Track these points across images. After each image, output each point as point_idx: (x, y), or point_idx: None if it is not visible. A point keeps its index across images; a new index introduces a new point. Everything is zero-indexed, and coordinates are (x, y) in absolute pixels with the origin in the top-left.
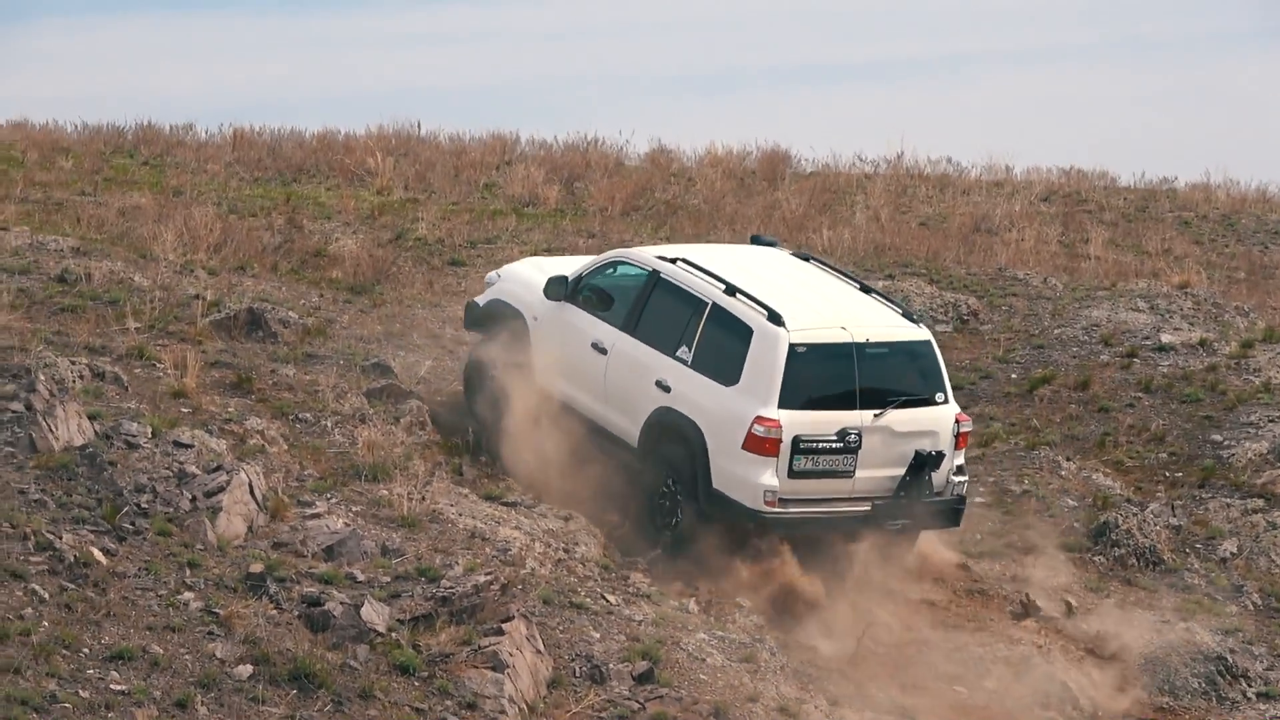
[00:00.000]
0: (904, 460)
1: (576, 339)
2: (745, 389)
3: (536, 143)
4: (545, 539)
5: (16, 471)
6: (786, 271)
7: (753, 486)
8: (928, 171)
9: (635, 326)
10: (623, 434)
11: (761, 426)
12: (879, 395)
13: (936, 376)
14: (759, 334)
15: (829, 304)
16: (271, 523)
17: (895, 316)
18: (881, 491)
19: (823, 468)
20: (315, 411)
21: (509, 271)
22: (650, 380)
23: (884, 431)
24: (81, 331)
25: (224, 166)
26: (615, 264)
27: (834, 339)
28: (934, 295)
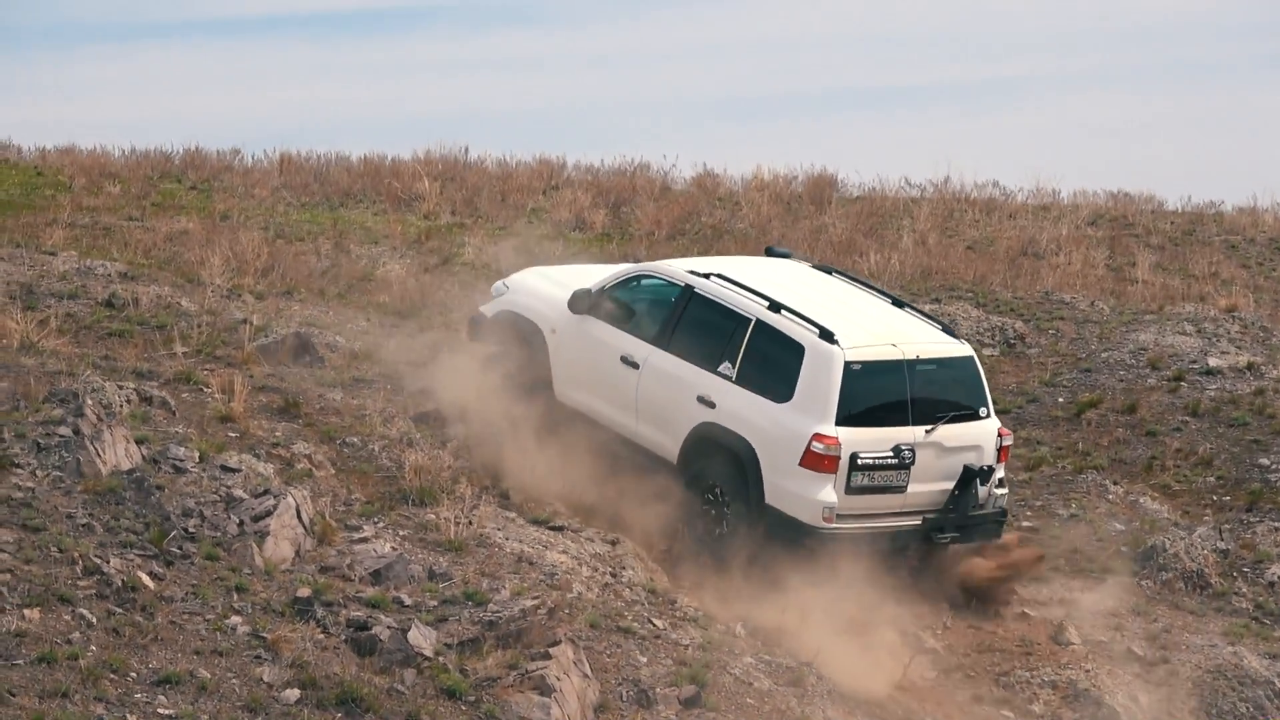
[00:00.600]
0: (952, 474)
1: (603, 352)
2: (800, 406)
3: (583, 167)
4: (592, 563)
5: (64, 496)
6: (819, 286)
7: (811, 503)
8: (974, 195)
9: (669, 341)
10: (657, 448)
11: (821, 444)
12: (929, 411)
13: (979, 391)
14: (811, 352)
15: (875, 321)
16: (319, 547)
17: (937, 332)
18: (931, 505)
19: (878, 483)
20: (362, 436)
21: (518, 282)
22: (690, 395)
23: (935, 446)
24: (129, 356)
25: (271, 191)
26: (640, 277)
27: (886, 356)
28: (981, 319)
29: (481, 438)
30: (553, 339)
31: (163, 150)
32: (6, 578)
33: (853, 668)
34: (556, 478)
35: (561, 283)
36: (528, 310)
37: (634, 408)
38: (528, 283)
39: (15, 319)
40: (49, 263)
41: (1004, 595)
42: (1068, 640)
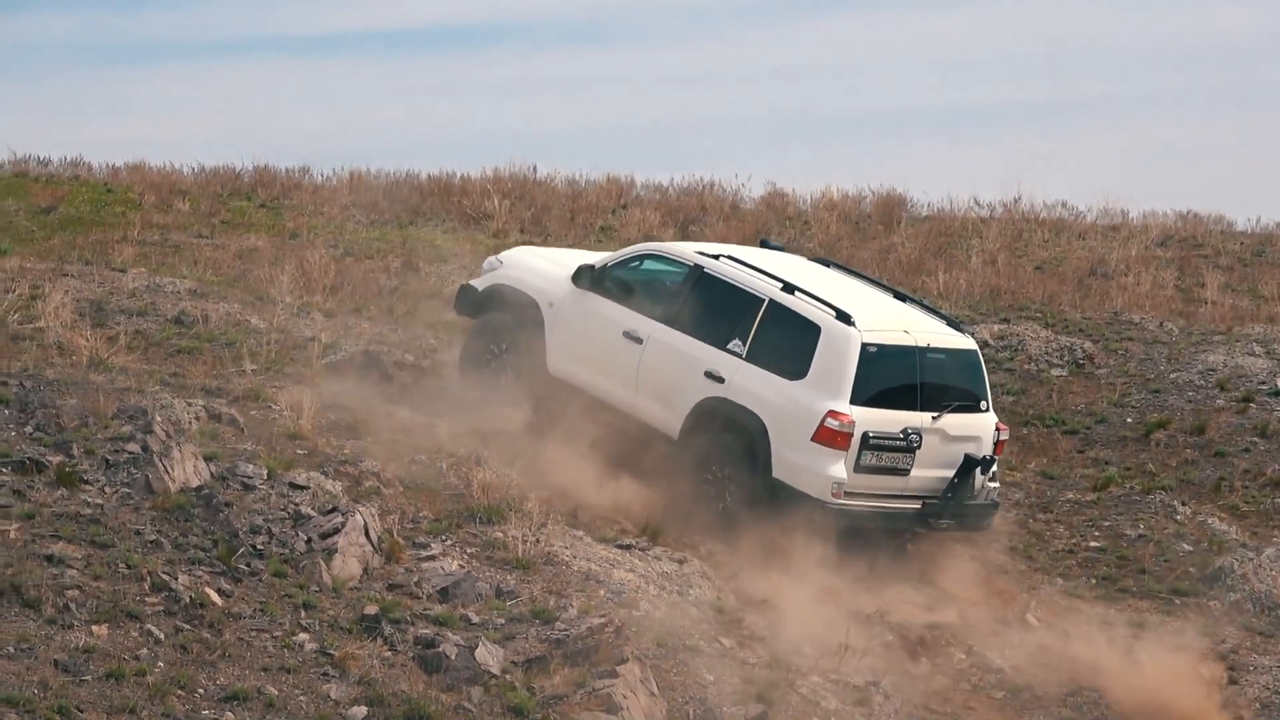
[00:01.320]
0: (952, 462)
1: (604, 327)
2: (814, 384)
3: (652, 186)
4: (659, 581)
5: (133, 512)
6: (823, 275)
7: (821, 478)
8: (1043, 215)
9: (677, 318)
10: (656, 422)
11: (835, 420)
12: (936, 398)
13: (981, 384)
14: (828, 332)
15: (884, 309)
16: (386, 564)
17: (943, 325)
18: (930, 491)
19: (885, 464)
20: (430, 453)
21: (512, 258)
22: (698, 371)
23: (939, 433)
24: (198, 373)
25: (340, 209)
26: (644, 256)
27: (900, 341)
28: (1049, 339)
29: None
30: (549, 312)
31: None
32: (75, 594)
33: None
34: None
35: (556, 261)
36: (523, 285)
37: (634, 382)
38: (523, 259)
39: (85, 336)
40: (118, 280)
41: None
42: (1135, 661)
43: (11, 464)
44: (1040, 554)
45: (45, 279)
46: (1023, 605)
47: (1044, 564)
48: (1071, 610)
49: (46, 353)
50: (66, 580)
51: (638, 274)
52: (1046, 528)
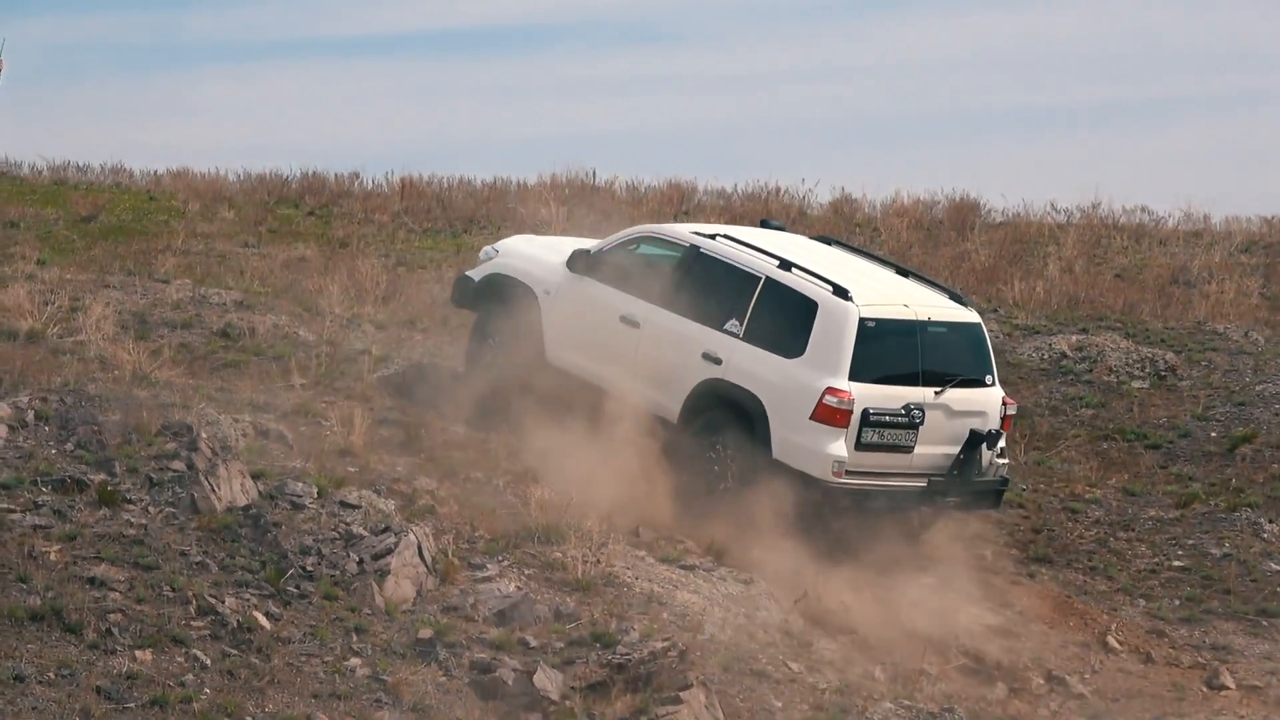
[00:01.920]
0: (958, 438)
1: (600, 312)
2: (812, 361)
3: (715, 191)
4: (724, 603)
5: (178, 533)
6: (823, 253)
7: (821, 457)
8: (1123, 221)
9: (673, 300)
10: (655, 407)
11: (834, 397)
12: (939, 373)
13: (986, 358)
14: (825, 308)
15: (884, 284)
16: (441, 586)
17: (945, 299)
18: (936, 469)
19: (888, 441)
20: (486, 470)
21: (508, 246)
22: (695, 353)
23: (943, 409)
24: (245, 388)
25: (392, 217)
26: (640, 239)
27: (900, 315)
28: (1130, 350)
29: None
30: (545, 300)
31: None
32: (118, 618)
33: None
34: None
35: (553, 248)
36: (518, 273)
37: (632, 367)
38: (519, 247)
39: (127, 349)
40: (162, 291)
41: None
42: (1222, 684)
43: (52, 483)
44: (1121, 574)
45: (86, 290)
46: (1104, 627)
47: (1125, 584)
48: (1155, 633)
49: (88, 367)
50: (109, 604)
51: (634, 257)
52: (1128, 546)
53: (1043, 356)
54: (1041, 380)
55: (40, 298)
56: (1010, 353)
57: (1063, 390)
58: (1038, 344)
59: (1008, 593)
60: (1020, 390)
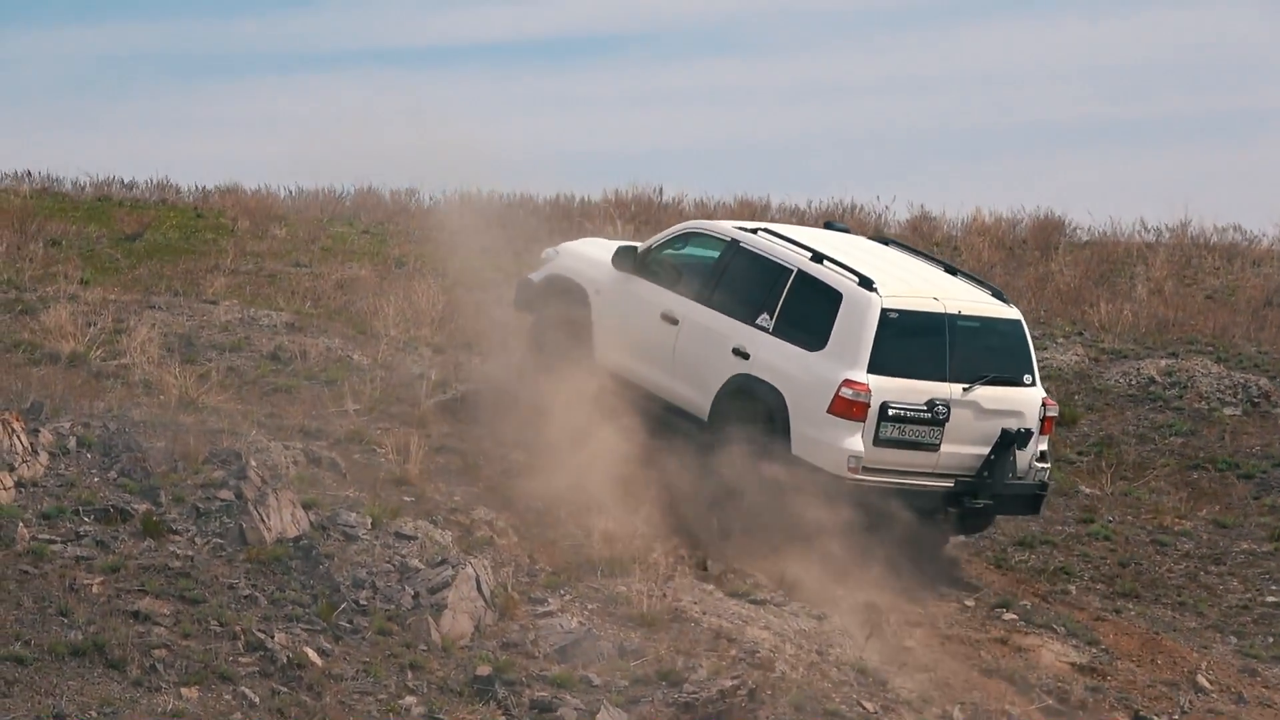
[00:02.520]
0: (989, 439)
1: (644, 311)
2: (833, 353)
3: (788, 209)
4: (796, 640)
5: (226, 565)
6: (871, 249)
7: (837, 451)
8: (1214, 240)
9: (711, 296)
10: (691, 406)
11: (850, 390)
12: (968, 369)
13: (1025, 357)
14: (849, 298)
15: (919, 278)
16: (500, 621)
17: (985, 294)
18: (965, 469)
19: (909, 438)
20: (548, 501)
21: (567, 248)
22: (726, 348)
23: (972, 407)
24: (296, 413)
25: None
26: (688, 235)
27: (926, 308)
28: (1221, 375)
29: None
30: (596, 300)
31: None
32: (163, 653)
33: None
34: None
35: (611, 250)
36: (573, 272)
37: (671, 365)
38: (577, 248)
39: (173, 373)
40: (210, 312)
41: None
42: None
43: (95, 512)
44: (1212, 610)
45: (130, 311)
46: (1193, 665)
47: (1216, 621)
48: (1247, 672)
49: (132, 391)
50: (154, 639)
51: (680, 255)
52: (1219, 581)
53: (1130, 382)
54: (1129, 407)
55: (83, 319)
56: (1096, 378)
57: (1151, 417)
58: (1125, 369)
59: (1093, 629)
60: (1107, 417)
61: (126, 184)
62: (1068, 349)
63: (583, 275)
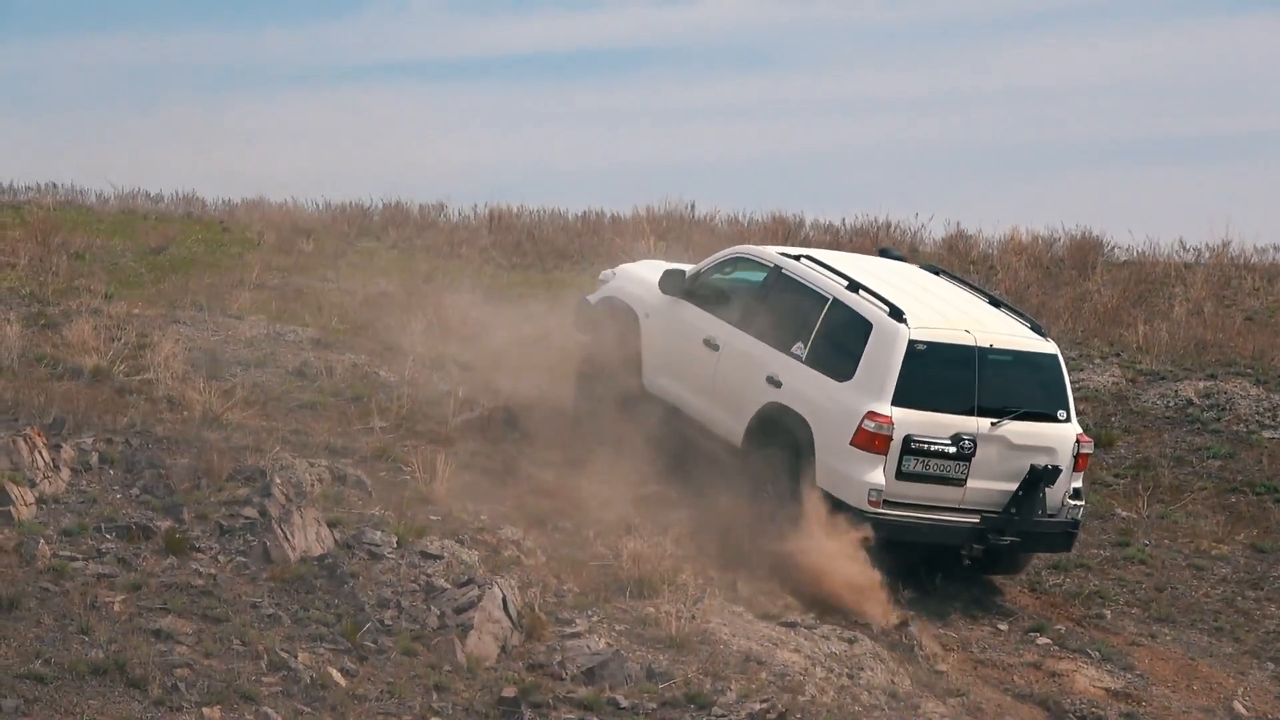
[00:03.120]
0: (1019, 475)
1: (688, 335)
2: (859, 384)
3: (822, 226)
4: (827, 663)
5: (250, 583)
6: (914, 278)
7: (858, 484)
8: (1255, 260)
9: (750, 322)
10: (727, 433)
11: (873, 422)
12: (998, 403)
13: (1060, 393)
14: (878, 329)
15: (954, 308)
16: (527, 642)
17: (1022, 328)
18: (993, 505)
19: (933, 472)
20: (576, 520)
21: (624, 270)
22: (761, 376)
23: (1000, 442)
24: (321, 431)
25: (479, 250)
26: (735, 260)
27: (956, 340)
28: (1261, 398)
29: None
30: (645, 323)
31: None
32: (185, 673)
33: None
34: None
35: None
36: (625, 295)
37: (711, 391)
38: (633, 270)
39: (198, 389)
40: (235, 327)
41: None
42: None
43: (117, 529)
44: (1249, 635)
45: (154, 326)
46: (1230, 691)
47: (1253, 646)
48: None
49: (155, 407)
50: (176, 658)
51: (724, 278)
52: (1257, 606)
53: (1168, 404)
54: (1166, 429)
55: (106, 333)
56: (1134, 400)
57: (1189, 440)
58: (1163, 390)
59: (1128, 654)
60: (1144, 439)
61: (152, 197)
62: (1105, 370)
63: (634, 298)
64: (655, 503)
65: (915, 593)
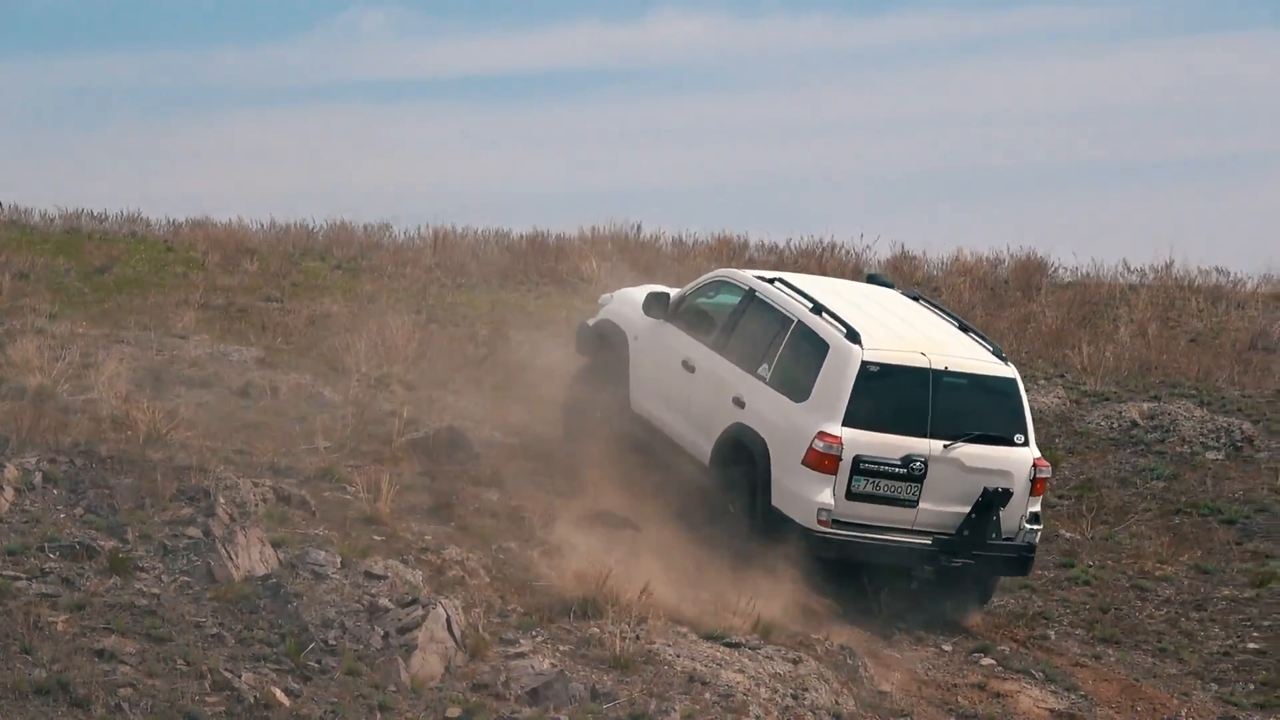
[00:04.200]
0: (973, 498)
1: (670, 358)
2: (814, 404)
3: (767, 247)
4: (771, 683)
5: (193, 603)
6: (883, 301)
7: (807, 504)
8: (1199, 282)
9: (724, 345)
10: (697, 453)
11: (822, 442)
12: (952, 426)
13: (1018, 417)
14: (834, 350)
15: (914, 331)
16: (471, 662)
17: (983, 351)
18: (945, 527)
19: (884, 493)
20: (520, 540)
21: (621, 294)
22: (728, 397)
23: (953, 464)
24: (266, 450)
25: (424, 271)
26: (718, 284)
27: (910, 362)
28: (1204, 419)
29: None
30: (634, 345)
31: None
32: (129, 692)
33: None
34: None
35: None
36: (618, 318)
37: (687, 412)
38: (630, 293)
39: (142, 409)
40: (179, 347)
41: None
42: None
43: (60, 549)
44: (1192, 656)
45: (99, 345)
46: (1173, 712)
47: (1197, 668)
48: (1227, 719)
49: (100, 427)
50: (119, 677)
51: (707, 302)
52: (1200, 627)
53: (1112, 425)
54: (1110, 450)
55: (50, 353)
56: (1078, 420)
57: (1133, 461)
58: (1107, 412)
59: (1072, 675)
60: (1088, 460)
61: (97, 216)
62: (1049, 391)
63: (626, 320)
64: (601, 522)
65: (859, 613)
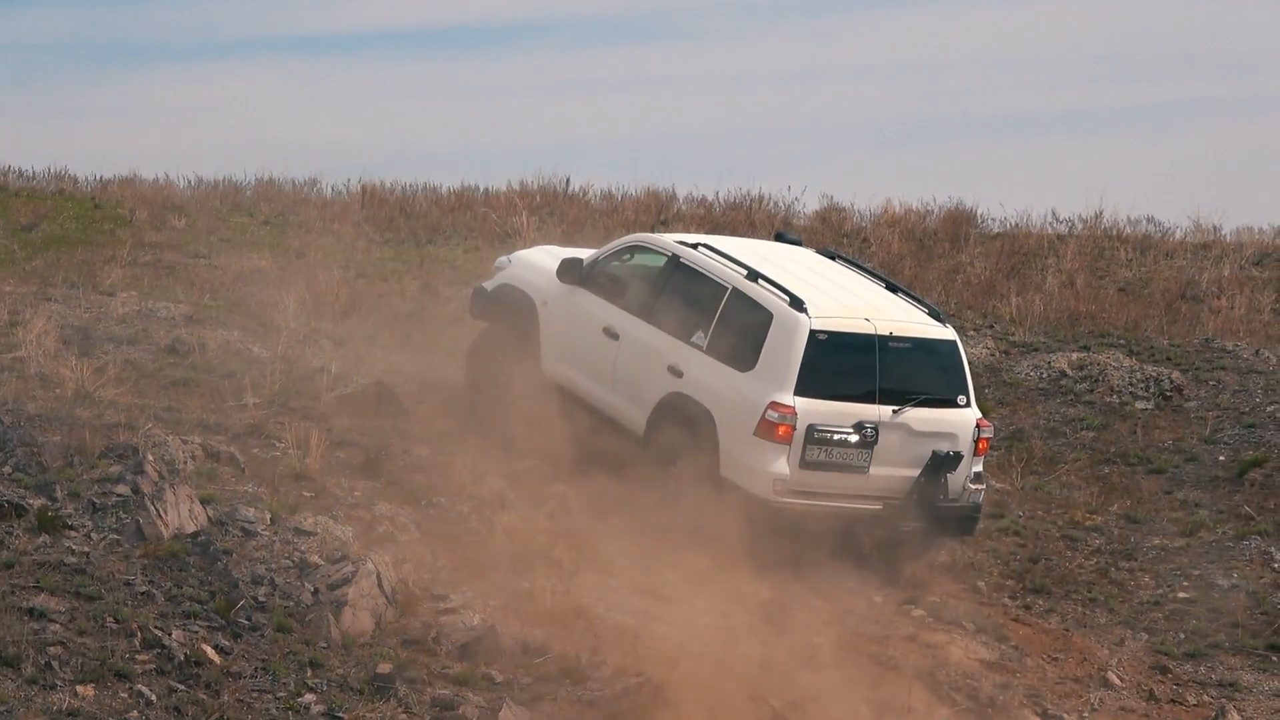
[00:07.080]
0: (921, 461)
1: (587, 324)
2: (761, 374)
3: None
4: (702, 636)
5: (122, 561)
6: (810, 265)
7: (762, 474)
8: (1128, 232)
9: (650, 312)
10: (628, 421)
11: (775, 412)
12: (899, 391)
13: (959, 378)
14: (779, 319)
15: (854, 296)
16: (401, 618)
17: (921, 314)
18: (895, 491)
19: (836, 460)
20: (450, 496)
21: (520, 257)
22: (662, 365)
23: (902, 429)
24: (194, 407)
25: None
26: (633, 249)
27: (856, 329)
28: (1134, 369)
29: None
30: (543, 311)
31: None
32: (59, 651)
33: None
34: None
35: (561, 259)
36: (522, 282)
37: (611, 380)
38: (529, 256)
39: (70, 366)
40: (107, 304)
41: None
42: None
43: None
44: (1123, 606)
45: (26, 304)
46: (1104, 662)
47: (1127, 617)
48: (1158, 668)
49: (27, 385)
50: (49, 636)
51: (621, 267)
52: (1130, 577)
53: (1041, 375)
54: (1040, 401)
55: None
56: (1007, 371)
57: (1062, 411)
58: (1036, 362)
59: (1002, 626)
60: (1017, 411)
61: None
62: (978, 342)
63: (532, 286)
64: (531, 477)
65: (791, 566)
